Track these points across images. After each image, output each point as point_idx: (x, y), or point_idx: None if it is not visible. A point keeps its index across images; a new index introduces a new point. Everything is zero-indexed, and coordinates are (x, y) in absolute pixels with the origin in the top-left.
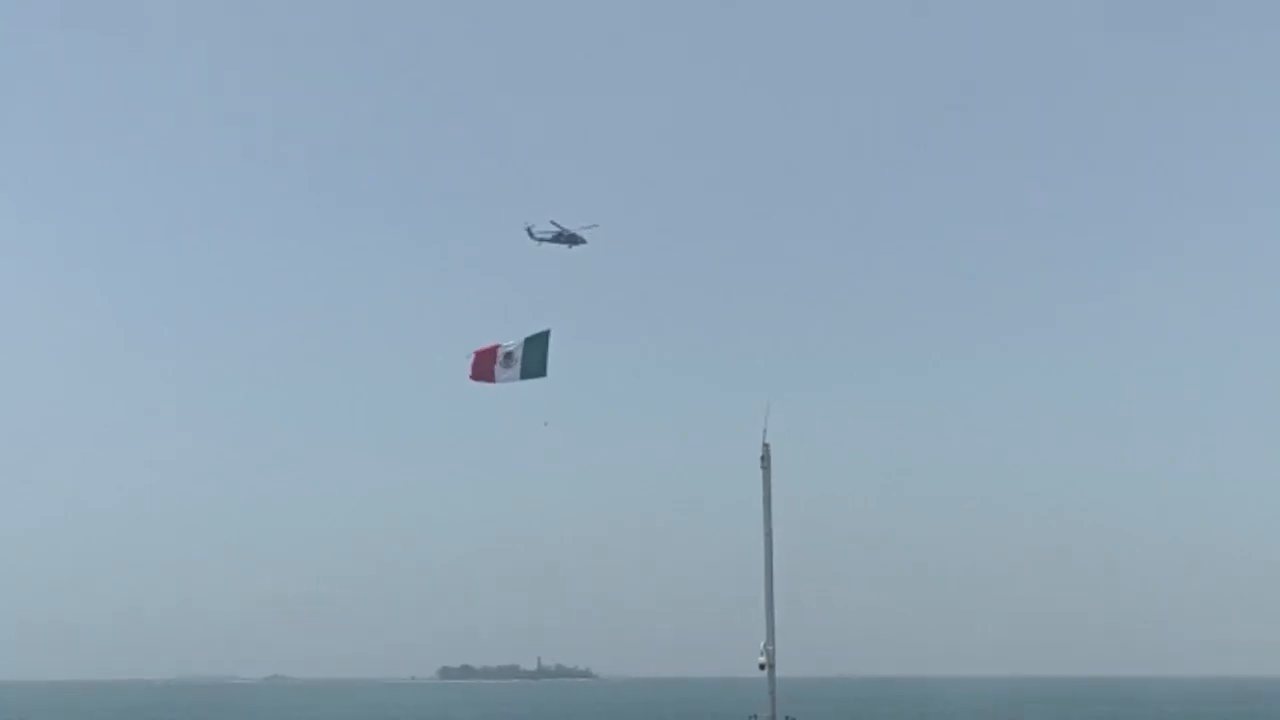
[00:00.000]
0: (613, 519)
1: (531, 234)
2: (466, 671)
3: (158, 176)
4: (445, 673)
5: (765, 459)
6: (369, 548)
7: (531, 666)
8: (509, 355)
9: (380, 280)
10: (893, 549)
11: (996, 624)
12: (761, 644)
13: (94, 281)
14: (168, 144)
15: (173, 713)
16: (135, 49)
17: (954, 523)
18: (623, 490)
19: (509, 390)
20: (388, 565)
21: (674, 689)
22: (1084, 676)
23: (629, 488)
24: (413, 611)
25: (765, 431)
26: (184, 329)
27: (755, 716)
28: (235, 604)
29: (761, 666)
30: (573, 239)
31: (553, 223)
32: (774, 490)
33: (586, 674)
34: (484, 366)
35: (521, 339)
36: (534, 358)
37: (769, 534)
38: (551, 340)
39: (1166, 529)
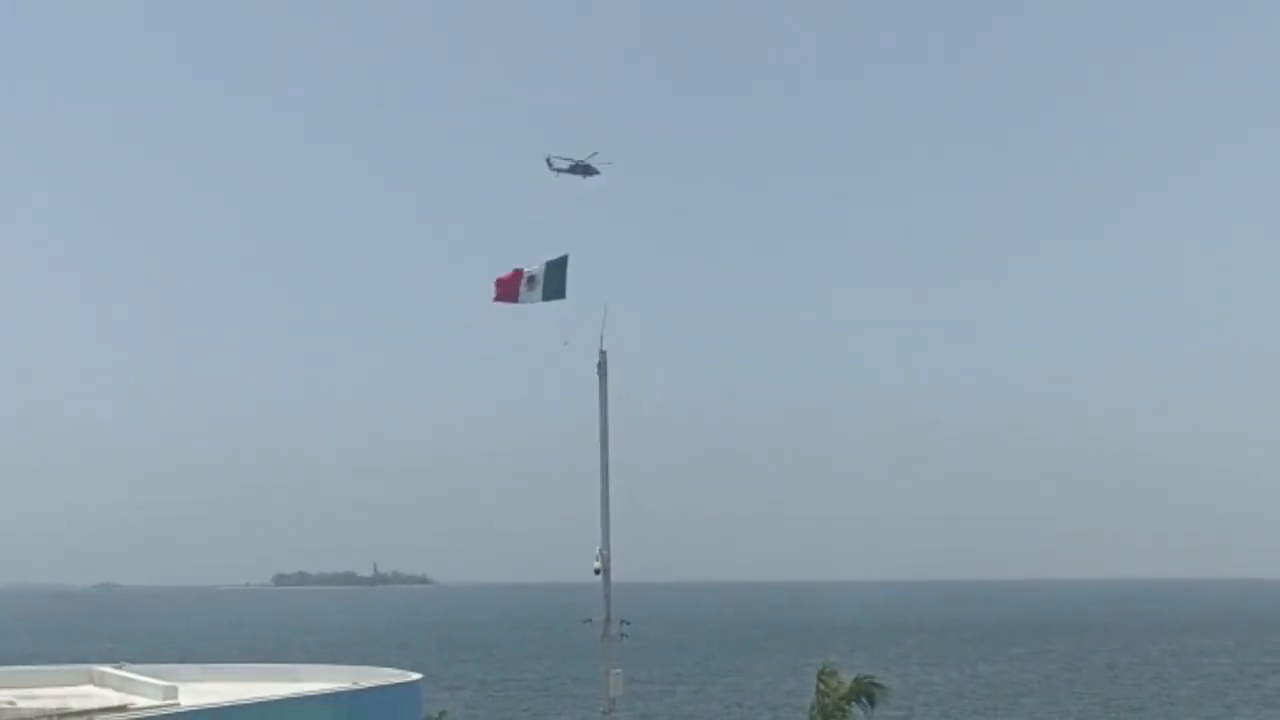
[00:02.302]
0: (449, 425)
1: (550, 164)
2: (302, 578)
3: None
4: (280, 579)
5: (602, 366)
6: (202, 455)
7: (367, 573)
8: (532, 278)
9: None
10: (741, 456)
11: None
12: (597, 549)
13: None
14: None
15: None
16: None
17: (813, 427)
18: (458, 398)
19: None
20: (220, 473)
21: (511, 594)
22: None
23: (464, 395)
24: (247, 518)
25: (602, 338)
26: None
27: (590, 620)
28: (62, 511)
29: (597, 571)
30: (587, 170)
31: (565, 157)
32: (612, 396)
33: (423, 580)
34: (509, 289)
35: (543, 262)
36: (554, 280)
37: (605, 440)
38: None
39: (1045, 429)
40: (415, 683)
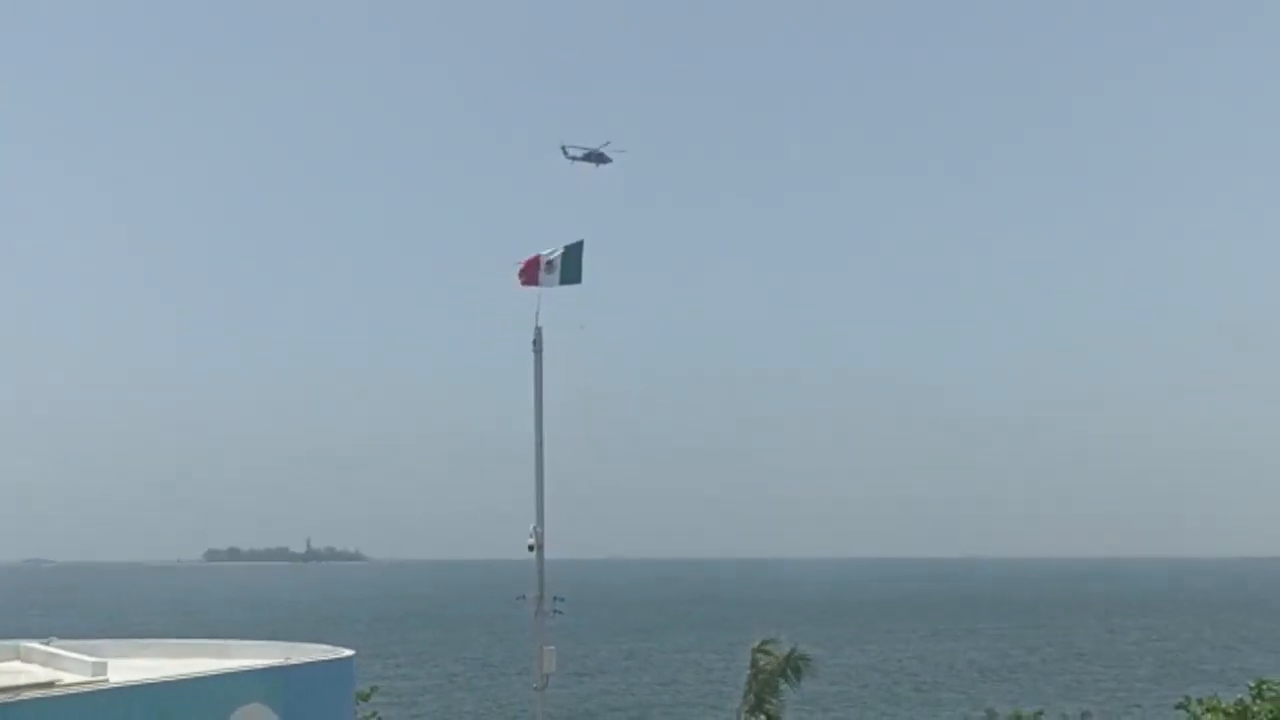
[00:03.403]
0: (382, 403)
1: (566, 153)
2: (234, 554)
3: None
4: (212, 555)
5: (537, 343)
6: (132, 431)
7: (300, 549)
8: (550, 263)
9: None
10: (692, 434)
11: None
12: (531, 526)
13: None
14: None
15: None
16: None
17: (753, 405)
18: (391, 376)
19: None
20: (151, 448)
21: (445, 571)
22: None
23: (397, 373)
24: (178, 494)
25: (538, 315)
26: None
27: (523, 597)
28: None
29: (530, 548)
30: (600, 158)
31: (579, 146)
32: (548, 375)
33: (356, 556)
34: (531, 273)
35: (561, 247)
36: (571, 266)
37: (539, 417)
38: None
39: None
40: (347, 659)
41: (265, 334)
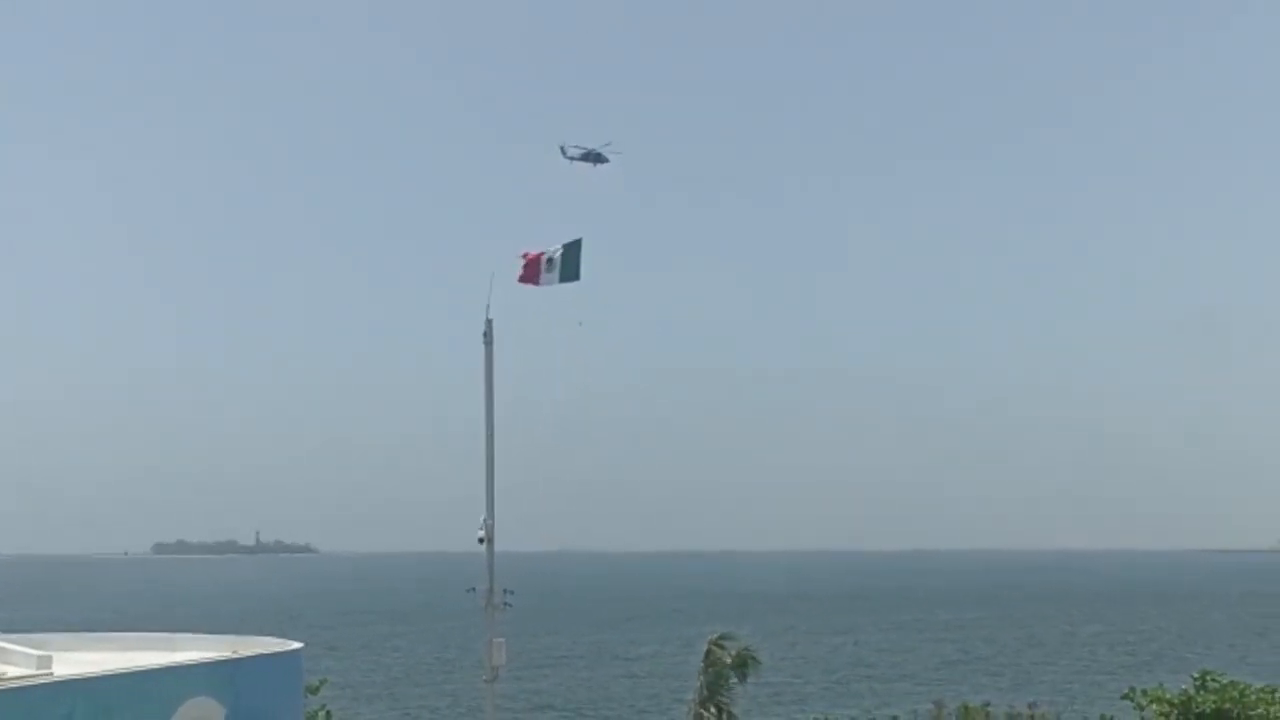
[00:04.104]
0: (331, 393)
1: (564, 152)
2: (182, 546)
3: None
4: (160, 548)
5: (488, 334)
6: (78, 421)
7: (250, 542)
8: (550, 260)
9: None
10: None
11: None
12: (481, 518)
13: None
14: None
15: None
16: None
17: (702, 396)
18: (340, 367)
19: None
20: (97, 439)
21: (395, 563)
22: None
23: (346, 364)
24: (125, 485)
25: (489, 306)
26: None
27: (473, 589)
28: None
29: (481, 540)
30: (598, 158)
31: (577, 146)
32: (500, 365)
33: (306, 549)
34: (532, 271)
35: (560, 245)
36: (570, 263)
37: (490, 408)
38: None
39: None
40: (295, 651)
41: (212, 323)
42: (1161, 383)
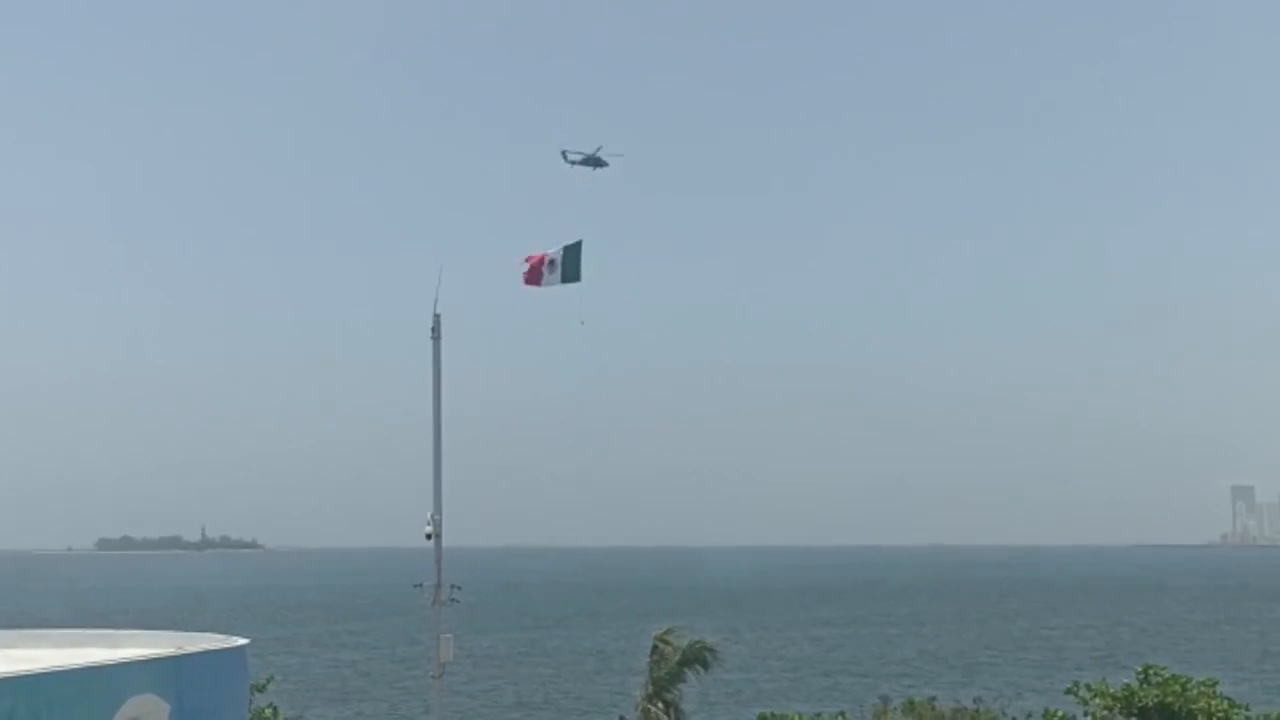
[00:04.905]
0: (278, 390)
1: (565, 157)
2: (126, 543)
3: None
4: (104, 544)
5: (436, 329)
6: (19, 415)
7: (195, 538)
8: (552, 262)
9: None
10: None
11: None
12: (428, 514)
13: None
14: None
15: None
16: None
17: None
18: (288, 363)
19: None
20: (39, 433)
21: (342, 559)
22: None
23: (294, 361)
24: (68, 481)
25: (436, 301)
26: None
27: (420, 585)
28: None
29: (428, 536)
30: (598, 162)
31: (578, 151)
32: (449, 361)
33: (253, 545)
34: (535, 272)
35: (560, 247)
36: (570, 264)
37: (437, 404)
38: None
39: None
40: (241, 648)
41: (154, 326)
42: (1106, 381)
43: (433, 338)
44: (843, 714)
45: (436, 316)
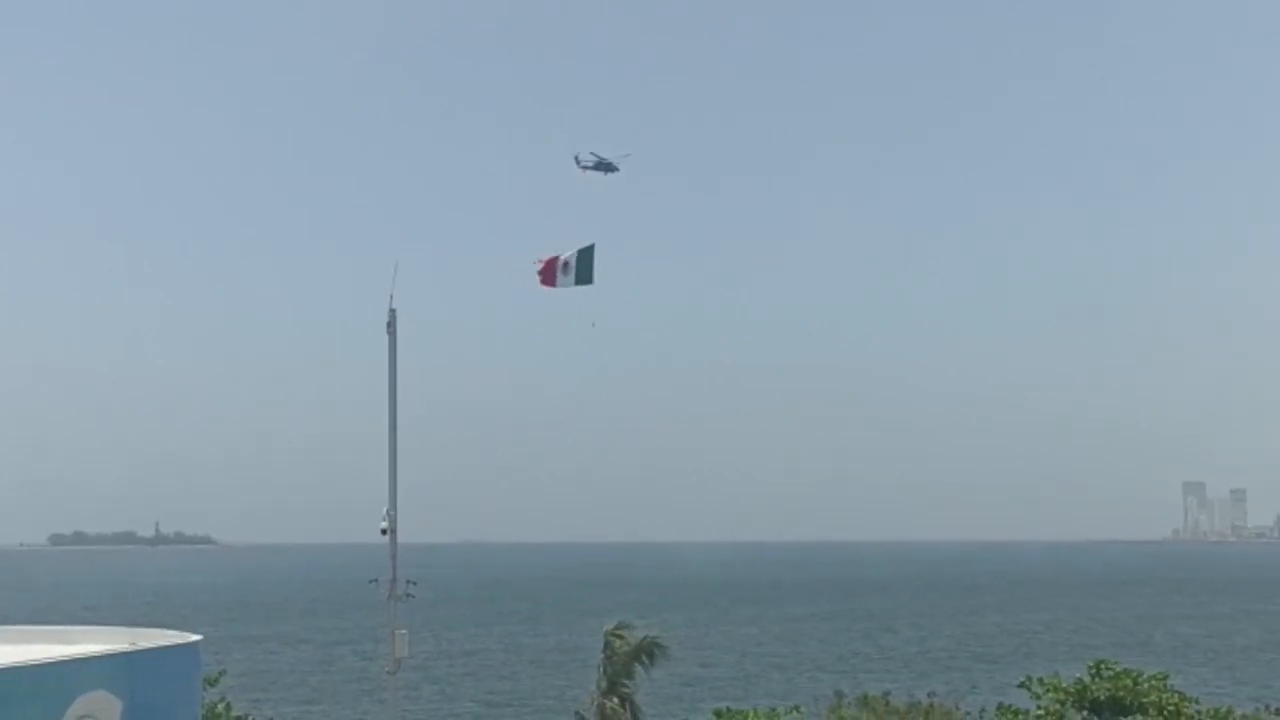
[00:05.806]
0: (233, 384)
1: (578, 161)
2: (79, 538)
3: None
4: (56, 539)
5: (391, 324)
6: None
7: (149, 533)
8: (566, 264)
9: None
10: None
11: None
12: (384, 509)
13: None
14: None
15: None
16: None
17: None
18: (239, 358)
19: None
20: None
21: (297, 555)
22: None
23: (245, 355)
24: (19, 475)
25: (392, 296)
26: None
27: (375, 580)
28: None
29: (383, 532)
30: (609, 167)
31: (592, 153)
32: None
33: (207, 540)
34: (550, 274)
35: (575, 250)
36: (584, 267)
37: (393, 399)
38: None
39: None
40: (194, 644)
41: (115, 321)
42: (1062, 379)
43: (388, 332)
44: (798, 708)
45: (392, 311)
